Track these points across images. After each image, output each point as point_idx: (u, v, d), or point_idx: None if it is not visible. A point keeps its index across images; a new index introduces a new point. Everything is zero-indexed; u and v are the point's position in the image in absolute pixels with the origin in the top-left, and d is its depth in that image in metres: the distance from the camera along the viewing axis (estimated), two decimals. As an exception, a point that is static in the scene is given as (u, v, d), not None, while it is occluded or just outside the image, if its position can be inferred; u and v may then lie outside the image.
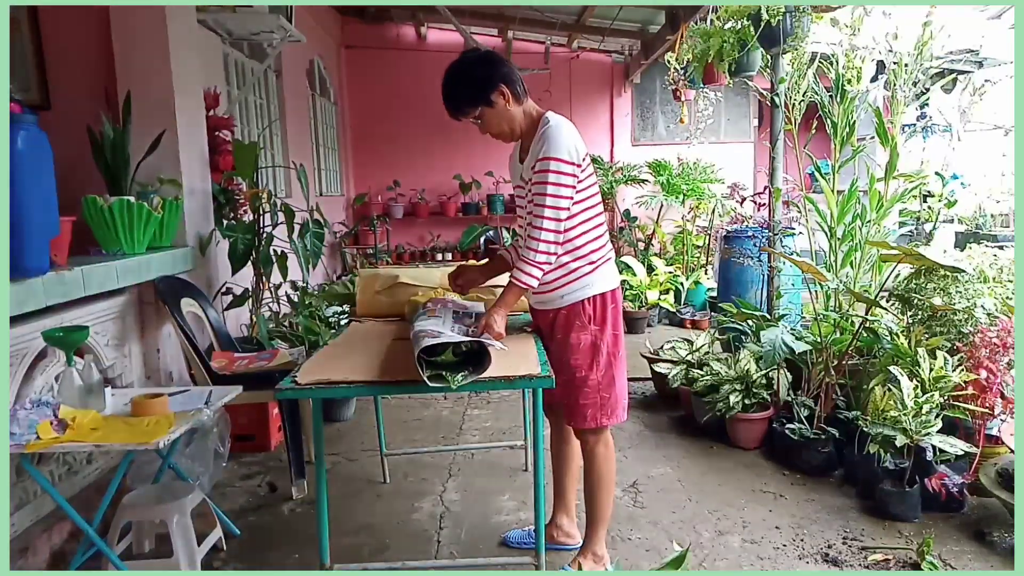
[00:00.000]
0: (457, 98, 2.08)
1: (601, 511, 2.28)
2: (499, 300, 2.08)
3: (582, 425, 2.20)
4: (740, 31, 3.59)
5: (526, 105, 2.14)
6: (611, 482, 2.30)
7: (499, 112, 2.08)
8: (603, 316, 2.15)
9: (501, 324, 2.02)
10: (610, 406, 2.18)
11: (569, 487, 2.53)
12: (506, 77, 2.06)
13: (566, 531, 2.52)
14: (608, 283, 2.17)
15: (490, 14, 7.01)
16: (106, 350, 2.75)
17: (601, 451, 2.24)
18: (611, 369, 2.17)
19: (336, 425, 3.87)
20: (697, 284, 6.74)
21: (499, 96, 2.06)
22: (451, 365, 1.78)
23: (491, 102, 2.06)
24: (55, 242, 2.27)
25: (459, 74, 2.08)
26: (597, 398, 2.16)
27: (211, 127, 3.70)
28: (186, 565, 2.18)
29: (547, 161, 2.00)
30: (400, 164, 8.13)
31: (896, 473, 2.71)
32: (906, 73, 3.24)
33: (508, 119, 2.11)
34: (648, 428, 3.75)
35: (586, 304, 2.14)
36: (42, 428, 1.95)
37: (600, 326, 2.15)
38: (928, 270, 3.06)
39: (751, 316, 3.63)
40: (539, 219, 2.01)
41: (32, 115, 2.09)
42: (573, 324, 2.14)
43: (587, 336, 2.14)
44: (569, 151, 2.02)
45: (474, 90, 2.06)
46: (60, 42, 3.25)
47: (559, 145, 2.01)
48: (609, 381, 2.17)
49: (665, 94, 8.09)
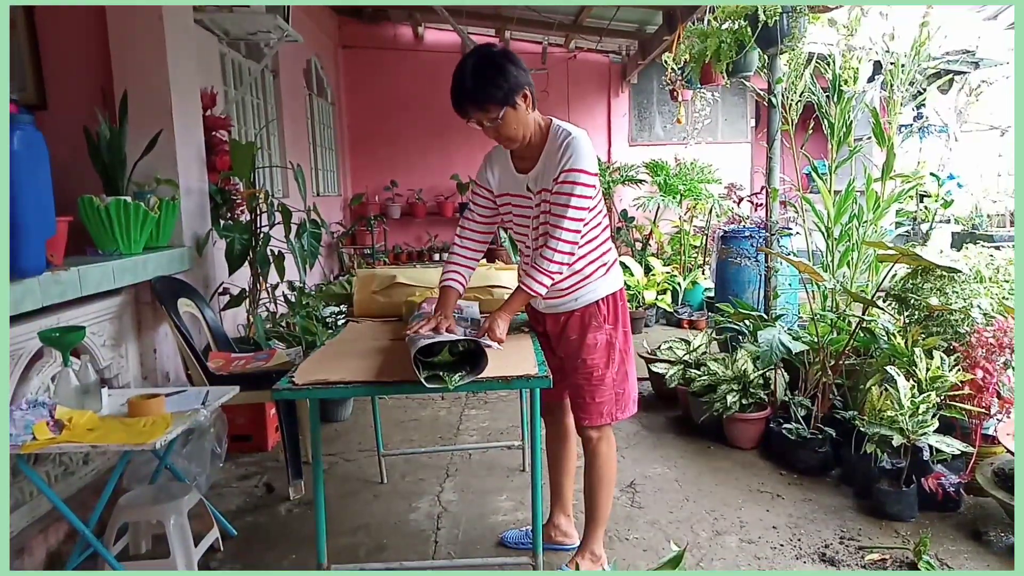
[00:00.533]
0: (483, 95, 1.92)
1: (601, 510, 2.29)
2: (505, 305, 2.08)
3: (597, 422, 2.20)
4: (737, 31, 3.59)
5: (536, 113, 2.08)
6: (612, 481, 2.32)
7: (520, 116, 1.98)
8: (615, 315, 2.19)
9: (503, 329, 2.02)
10: (623, 400, 2.22)
11: (566, 487, 2.54)
12: (530, 81, 2.00)
13: (564, 531, 2.52)
14: (617, 282, 2.21)
15: (487, 14, 7.01)
16: (102, 350, 2.74)
17: (604, 449, 2.25)
18: (624, 365, 2.21)
19: (333, 425, 3.87)
20: (694, 284, 6.74)
21: (523, 99, 1.97)
22: (448, 365, 1.78)
23: (515, 104, 1.95)
24: (51, 242, 2.27)
25: (489, 69, 1.91)
26: (612, 394, 2.19)
27: (208, 127, 3.69)
28: (183, 566, 2.18)
29: (576, 173, 1.97)
30: (397, 164, 8.12)
31: (893, 473, 2.72)
32: (903, 73, 3.24)
33: (525, 124, 2.01)
34: (645, 428, 3.75)
35: (600, 304, 2.16)
36: (38, 429, 1.95)
37: (614, 325, 2.18)
38: (925, 270, 3.06)
39: (748, 316, 3.63)
40: (559, 230, 1.99)
41: (28, 115, 2.09)
42: (590, 324, 2.16)
43: (603, 335, 2.16)
44: (593, 164, 2.02)
45: (506, 88, 1.92)
46: (56, 42, 3.24)
47: (585, 158, 1.99)
48: (623, 377, 2.21)
49: (662, 94, 8.10)
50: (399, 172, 8.07)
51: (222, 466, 2.88)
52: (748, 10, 3.46)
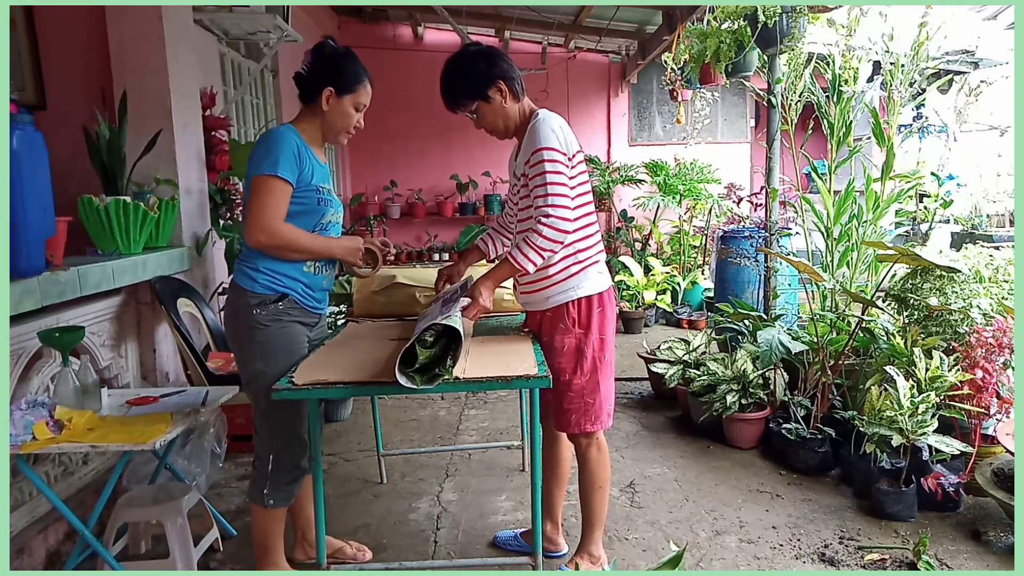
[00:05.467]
0: (455, 91, 2.10)
1: (596, 513, 2.26)
2: (489, 272, 2.08)
3: (566, 430, 2.18)
4: (737, 32, 3.59)
5: (523, 103, 2.14)
6: (606, 484, 2.27)
7: (495, 108, 2.09)
8: (588, 320, 2.11)
9: (488, 297, 2.03)
10: (594, 412, 2.14)
11: (555, 494, 2.47)
12: (505, 74, 2.07)
13: (549, 538, 2.48)
14: (595, 286, 2.13)
15: (487, 14, 7.00)
16: (102, 350, 2.74)
17: (594, 454, 2.21)
18: (596, 374, 2.13)
19: (333, 425, 3.87)
20: (694, 284, 6.75)
21: (497, 92, 2.07)
22: (434, 361, 1.75)
23: (488, 97, 2.07)
24: (51, 242, 2.26)
25: (459, 67, 2.09)
26: (581, 403, 2.12)
27: (207, 127, 3.69)
28: (182, 566, 2.18)
29: (540, 152, 1.99)
30: (397, 164, 8.11)
31: (892, 473, 2.72)
32: (902, 74, 3.24)
33: (504, 116, 2.11)
34: (645, 428, 3.75)
35: (571, 307, 2.11)
36: (38, 429, 1.95)
37: (585, 330, 2.11)
38: (924, 270, 3.06)
39: (748, 316, 3.63)
40: (544, 207, 1.97)
41: (28, 115, 2.08)
42: (557, 327, 2.12)
43: (571, 339, 2.10)
44: (559, 142, 2.01)
45: (473, 84, 2.07)
46: (56, 42, 3.24)
47: (548, 136, 2.00)
48: (593, 387, 2.12)
49: (662, 94, 8.08)
50: (399, 172, 8.07)
51: (222, 466, 2.89)
52: (747, 10, 3.46)
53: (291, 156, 1.99)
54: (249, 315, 2.03)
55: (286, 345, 2.07)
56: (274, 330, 2.05)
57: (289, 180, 1.98)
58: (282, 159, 1.96)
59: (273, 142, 1.99)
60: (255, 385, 2.06)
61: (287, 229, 2.00)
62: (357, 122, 2.14)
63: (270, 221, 1.97)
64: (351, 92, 2.09)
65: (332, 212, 2.16)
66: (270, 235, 1.97)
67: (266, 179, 1.96)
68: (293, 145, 2.01)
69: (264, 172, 1.96)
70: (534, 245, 1.99)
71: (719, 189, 7.00)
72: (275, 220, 1.97)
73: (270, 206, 1.96)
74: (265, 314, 2.04)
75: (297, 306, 2.10)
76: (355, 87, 2.10)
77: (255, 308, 2.03)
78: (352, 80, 2.10)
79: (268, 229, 1.96)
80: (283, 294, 2.06)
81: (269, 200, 1.96)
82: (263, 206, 1.96)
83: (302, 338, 2.14)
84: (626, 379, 4.62)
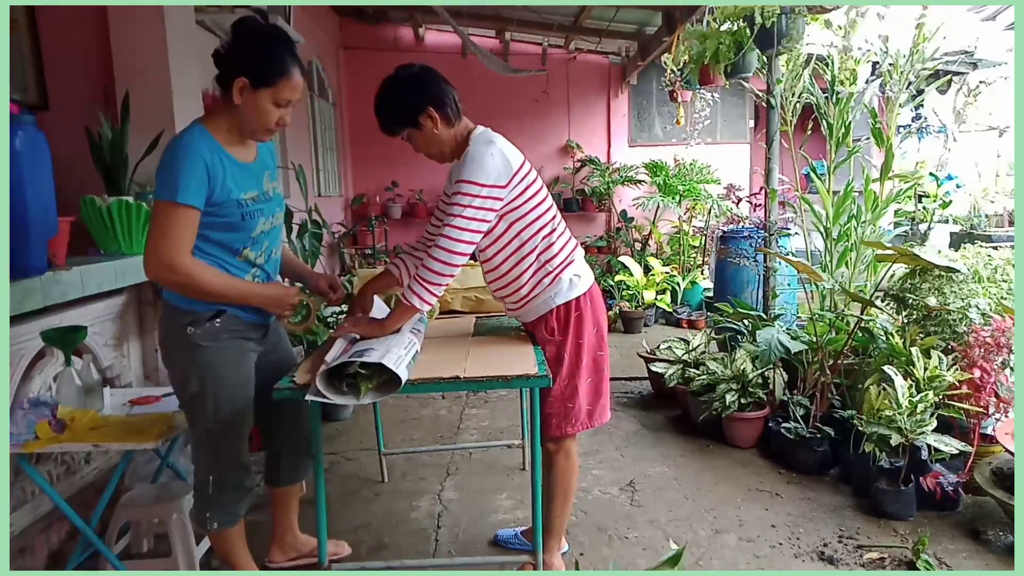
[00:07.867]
0: (385, 118, 2.04)
1: (554, 522, 2.23)
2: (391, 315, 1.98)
3: (546, 432, 2.16)
4: (736, 33, 3.61)
5: (458, 127, 2.06)
6: (570, 494, 2.25)
7: (427, 135, 2.03)
8: (566, 326, 2.10)
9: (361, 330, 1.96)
10: (574, 414, 2.13)
11: None
12: (435, 100, 1.99)
13: None
14: (573, 290, 2.10)
15: (487, 15, 7.01)
16: (104, 350, 2.75)
17: (561, 461, 2.19)
18: (574, 380, 2.11)
19: (334, 424, 3.88)
20: (693, 284, 6.76)
21: (427, 119, 2.00)
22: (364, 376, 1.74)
23: (419, 124, 2.01)
24: (53, 242, 2.27)
25: (388, 94, 2.02)
26: (561, 408, 2.12)
27: (209, 128, 3.69)
28: (184, 564, 2.18)
29: (461, 184, 1.91)
30: (398, 165, 8.11)
31: (891, 472, 2.73)
32: (901, 74, 3.25)
33: (437, 142, 2.05)
34: (645, 427, 3.76)
35: (549, 317, 2.10)
36: (40, 428, 1.96)
37: (563, 337, 2.10)
38: (923, 270, 3.07)
39: (747, 316, 3.64)
40: (444, 238, 1.88)
41: (30, 115, 2.09)
42: (541, 335, 2.13)
43: (551, 348, 2.10)
44: (490, 172, 1.91)
45: (401, 112, 2.01)
46: (58, 42, 3.25)
47: (475, 169, 1.90)
48: (572, 392, 2.11)
49: (662, 95, 8.09)
50: (400, 172, 8.07)
51: (223, 465, 2.89)
52: (746, 11, 3.47)
53: (197, 175, 1.71)
54: (182, 334, 1.83)
55: (228, 365, 1.89)
56: (211, 350, 1.85)
57: (195, 205, 1.71)
58: (183, 181, 1.69)
59: (176, 160, 1.72)
60: (191, 409, 1.91)
61: (191, 265, 1.74)
62: (280, 118, 1.83)
63: (171, 254, 1.71)
64: (270, 86, 1.76)
65: (264, 221, 1.91)
66: (170, 270, 1.72)
67: (165, 205, 1.70)
68: (199, 160, 1.72)
69: (163, 198, 1.70)
70: (423, 281, 1.89)
71: (719, 189, 7.01)
72: (177, 253, 1.71)
73: (171, 237, 1.70)
74: (200, 333, 1.84)
75: (237, 320, 1.90)
76: (275, 80, 1.76)
77: (188, 326, 1.83)
78: (272, 71, 1.75)
79: (168, 263, 1.71)
80: (219, 310, 1.85)
81: (170, 231, 1.70)
82: (162, 236, 1.70)
83: (248, 354, 1.96)
84: (626, 378, 4.63)
